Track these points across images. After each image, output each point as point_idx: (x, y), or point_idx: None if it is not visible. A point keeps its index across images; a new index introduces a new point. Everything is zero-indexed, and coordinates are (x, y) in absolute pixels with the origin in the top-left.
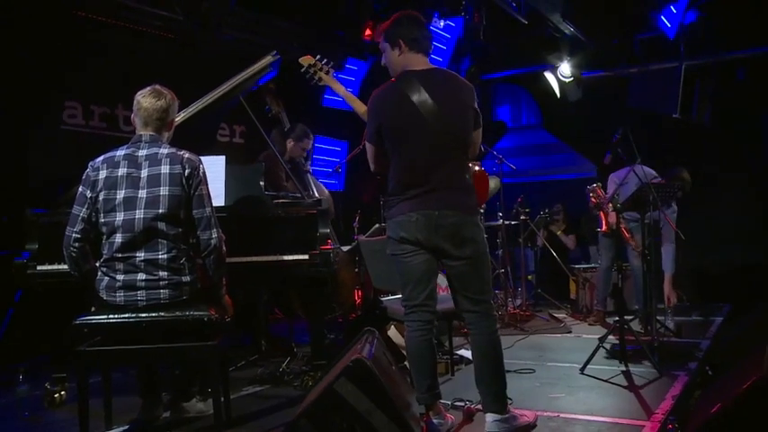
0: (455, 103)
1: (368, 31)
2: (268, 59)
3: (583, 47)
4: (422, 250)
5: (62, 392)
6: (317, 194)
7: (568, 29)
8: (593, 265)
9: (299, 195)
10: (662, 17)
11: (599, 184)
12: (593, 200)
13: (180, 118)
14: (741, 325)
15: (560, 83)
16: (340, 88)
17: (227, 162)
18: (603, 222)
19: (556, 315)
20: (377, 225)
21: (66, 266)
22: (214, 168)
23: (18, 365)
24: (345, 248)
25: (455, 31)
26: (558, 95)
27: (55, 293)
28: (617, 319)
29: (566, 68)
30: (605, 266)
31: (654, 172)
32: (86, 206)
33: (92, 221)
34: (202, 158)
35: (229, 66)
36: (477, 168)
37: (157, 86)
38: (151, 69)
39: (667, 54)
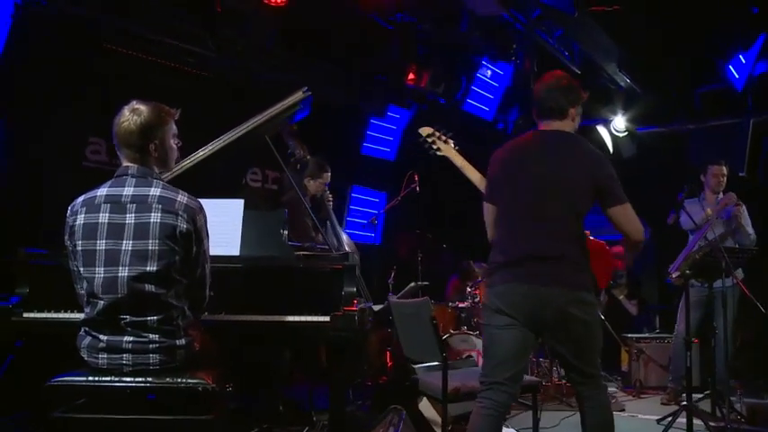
0: (567, 169)
1: (411, 76)
2: (298, 96)
3: (639, 100)
4: (519, 325)
5: None
6: (345, 246)
7: (624, 80)
8: (647, 334)
9: (327, 247)
10: (730, 67)
11: None
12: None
13: (198, 157)
14: None
15: (613, 138)
16: (458, 159)
17: (247, 207)
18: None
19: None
20: (412, 284)
21: (57, 315)
22: (231, 213)
23: None
24: (377, 307)
25: (503, 80)
26: (611, 151)
27: (46, 344)
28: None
29: (620, 123)
30: (683, 333)
31: None
32: (71, 257)
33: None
34: (220, 202)
35: (264, 106)
36: (597, 242)
37: (135, 103)
38: (181, 108)
39: (731, 108)
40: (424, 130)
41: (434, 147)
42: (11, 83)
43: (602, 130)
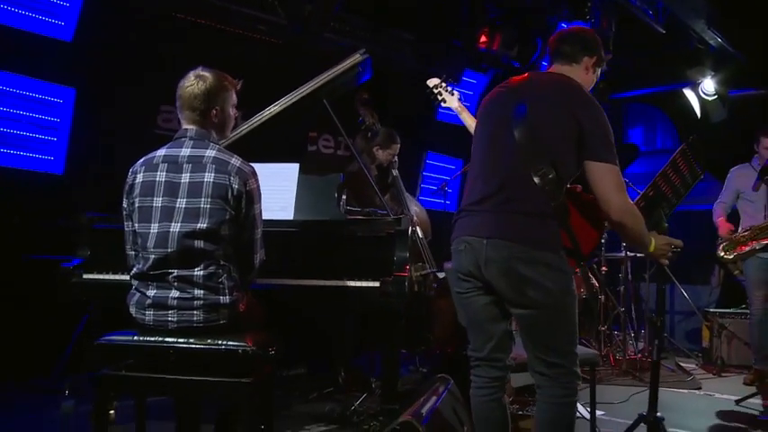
0: (549, 111)
1: (483, 39)
2: (356, 59)
3: (731, 60)
4: (482, 289)
5: (111, 411)
6: (413, 212)
7: (714, 39)
8: (731, 309)
9: (386, 212)
10: None
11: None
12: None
13: (255, 122)
14: None
15: (702, 101)
16: (464, 113)
17: (303, 171)
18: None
19: (684, 365)
20: None
21: (115, 276)
22: (286, 177)
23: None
24: (441, 275)
25: None
26: (699, 116)
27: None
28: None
29: (709, 85)
30: (759, 308)
31: None
32: (127, 218)
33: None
34: (275, 166)
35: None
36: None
37: (201, 69)
38: (251, 75)
39: None
40: (431, 81)
41: (440, 98)
42: (83, 55)
43: (689, 93)
